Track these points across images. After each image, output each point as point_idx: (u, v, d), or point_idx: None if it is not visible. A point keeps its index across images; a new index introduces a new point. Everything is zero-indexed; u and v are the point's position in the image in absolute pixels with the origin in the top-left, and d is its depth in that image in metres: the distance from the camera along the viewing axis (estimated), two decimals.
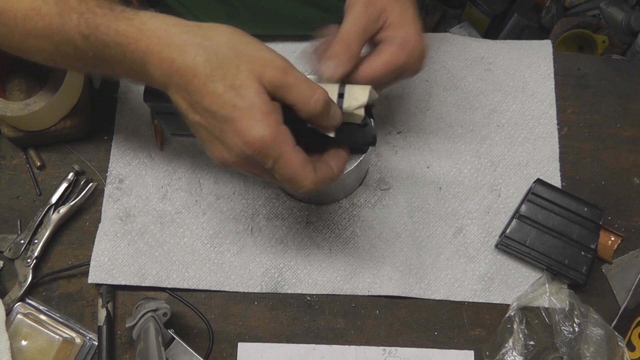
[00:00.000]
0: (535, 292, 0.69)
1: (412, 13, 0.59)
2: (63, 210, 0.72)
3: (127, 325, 0.64)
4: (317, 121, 0.51)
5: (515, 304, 0.69)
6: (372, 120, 0.57)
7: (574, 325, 0.67)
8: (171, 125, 0.63)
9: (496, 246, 0.71)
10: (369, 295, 0.70)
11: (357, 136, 0.60)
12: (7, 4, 0.56)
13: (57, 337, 0.69)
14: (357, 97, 0.54)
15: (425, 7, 0.95)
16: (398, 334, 0.70)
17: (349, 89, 0.54)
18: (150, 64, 0.49)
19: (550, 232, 0.69)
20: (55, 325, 0.70)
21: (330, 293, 0.70)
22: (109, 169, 0.75)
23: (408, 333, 0.70)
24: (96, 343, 0.69)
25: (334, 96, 0.54)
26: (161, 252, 0.72)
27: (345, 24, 0.57)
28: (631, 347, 0.68)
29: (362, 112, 0.54)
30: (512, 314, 0.68)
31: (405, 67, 0.58)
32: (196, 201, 0.74)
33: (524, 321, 0.68)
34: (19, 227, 0.73)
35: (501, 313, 0.69)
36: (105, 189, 0.74)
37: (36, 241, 0.71)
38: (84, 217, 0.74)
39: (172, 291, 0.71)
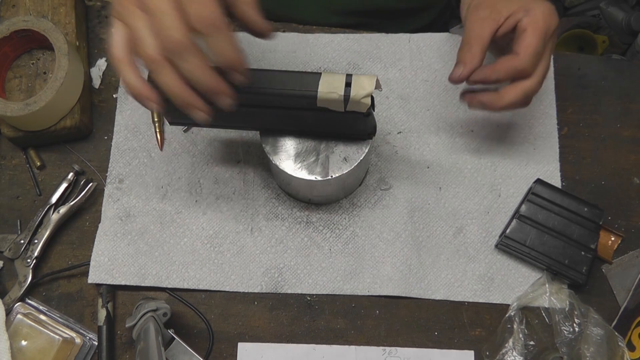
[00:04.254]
0: (535, 292, 0.69)
1: None
2: (63, 210, 0.72)
3: (127, 325, 0.64)
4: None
5: (515, 304, 0.69)
6: (373, 111, 0.59)
7: (574, 325, 0.67)
8: (171, 113, 0.64)
9: (496, 246, 0.71)
10: (369, 295, 0.70)
11: (359, 125, 0.62)
12: None
13: (57, 337, 0.69)
14: (364, 86, 0.54)
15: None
16: (398, 334, 0.70)
17: (356, 78, 0.55)
18: None
19: (550, 232, 0.69)
20: (55, 325, 0.70)
21: (330, 293, 0.70)
22: (109, 169, 0.75)
23: (408, 333, 0.70)
24: (96, 343, 0.69)
25: (341, 85, 0.55)
26: (161, 252, 0.72)
27: (465, 31, 0.64)
28: (631, 347, 0.68)
29: (368, 101, 0.55)
30: (512, 314, 0.68)
31: (546, 28, 0.61)
32: (196, 201, 0.74)
33: (524, 321, 0.68)
34: (19, 227, 0.73)
35: (501, 313, 0.69)
36: (105, 189, 0.74)
37: (36, 241, 0.71)
38: (84, 217, 0.74)
39: (172, 291, 0.71)
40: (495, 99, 0.64)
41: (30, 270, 0.70)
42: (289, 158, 0.65)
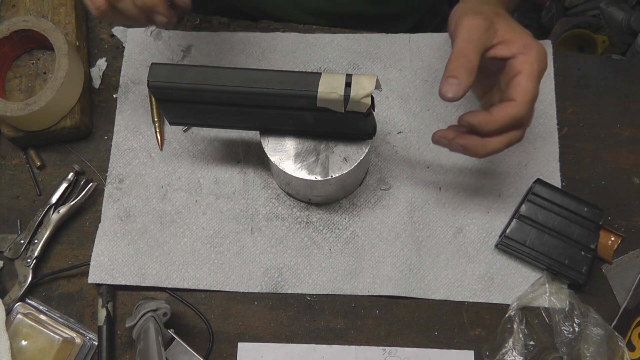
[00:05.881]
0: (535, 292, 0.69)
1: (515, 22, 0.58)
2: (63, 210, 0.72)
3: (127, 325, 0.64)
4: None
5: (515, 304, 0.69)
6: (373, 111, 0.59)
7: (574, 325, 0.67)
8: (172, 112, 0.64)
9: (496, 246, 0.71)
10: (369, 295, 0.70)
11: (359, 125, 0.62)
12: None
13: (57, 337, 0.69)
14: (365, 86, 0.54)
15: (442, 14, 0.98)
16: (398, 334, 0.70)
17: (356, 78, 0.55)
18: None
19: (550, 232, 0.69)
20: (55, 325, 0.70)
21: (330, 293, 0.70)
22: (109, 169, 0.75)
23: (408, 333, 0.70)
24: (96, 343, 0.69)
25: (341, 85, 0.55)
26: (161, 252, 0.72)
27: (459, 37, 0.55)
28: (631, 347, 0.68)
29: (368, 101, 0.55)
30: (512, 314, 0.68)
31: (540, 71, 0.55)
32: (196, 201, 0.74)
33: (524, 321, 0.68)
34: (19, 227, 0.73)
35: (501, 313, 0.69)
36: (105, 189, 0.74)
37: (36, 241, 0.71)
38: (84, 217, 0.74)
39: (172, 291, 0.71)
40: (480, 146, 0.57)
41: (30, 270, 0.70)
42: (289, 158, 0.65)
